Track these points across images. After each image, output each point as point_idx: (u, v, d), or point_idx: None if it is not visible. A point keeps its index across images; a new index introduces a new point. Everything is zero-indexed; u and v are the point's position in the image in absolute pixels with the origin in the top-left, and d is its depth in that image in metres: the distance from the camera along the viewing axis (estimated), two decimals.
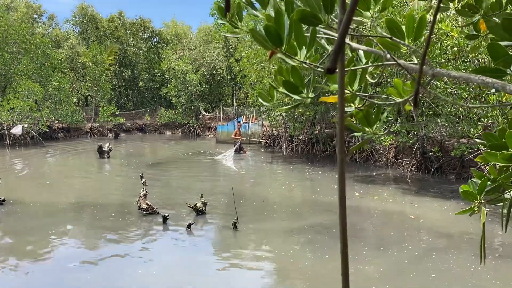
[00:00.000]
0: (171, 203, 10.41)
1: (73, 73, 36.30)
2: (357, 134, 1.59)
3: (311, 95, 1.33)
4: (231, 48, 34.52)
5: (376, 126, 1.52)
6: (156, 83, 39.37)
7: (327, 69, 0.61)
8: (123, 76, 40.60)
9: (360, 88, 1.44)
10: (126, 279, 6.06)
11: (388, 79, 12.74)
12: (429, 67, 1.36)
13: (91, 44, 35.48)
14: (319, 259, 6.74)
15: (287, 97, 1.39)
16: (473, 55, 10.39)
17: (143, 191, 9.29)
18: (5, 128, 23.98)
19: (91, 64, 32.16)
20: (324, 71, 0.63)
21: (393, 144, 16.34)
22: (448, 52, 10.48)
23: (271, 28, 1.13)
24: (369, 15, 1.43)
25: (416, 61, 1.50)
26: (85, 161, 18.89)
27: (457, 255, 6.89)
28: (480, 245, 1.99)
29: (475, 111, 10.90)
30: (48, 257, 6.87)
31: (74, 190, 12.32)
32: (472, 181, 1.93)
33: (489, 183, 1.84)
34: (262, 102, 1.52)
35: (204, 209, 9.24)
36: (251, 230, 8.19)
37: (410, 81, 1.45)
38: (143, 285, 5.86)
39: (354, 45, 1.41)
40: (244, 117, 29.13)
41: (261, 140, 25.46)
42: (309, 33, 1.23)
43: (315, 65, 1.25)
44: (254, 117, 27.85)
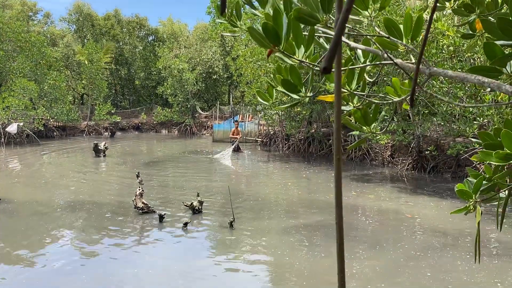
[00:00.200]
0: (168, 202, 10.40)
1: (68, 71, 36.13)
2: (355, 133, 1.59)
3: (310, 94, 1.33)
4: (228, 46, 34.47)
5: (374, 125, 1.53)
6: (152, 82, 39.28)
7: (323, 68, 0.61)
8: (119, 74, 40.48)
9: (358, 87, 1.45)
10: (121, 278, 6.06)
11: (385, 78, 12.78)
12: (426, 66, 1.37)
13: (87, 42, 35.35)
14: (315, 258, 6.76)
15: (284, 95, 1.39)
16: (469, 54, 10.44)
17: (139, 190, 9.27)
18: (0, 126, 23.84)
19: (87, 62, 32.02)
20: (320, 70, 0.64)
21: (389, 143, 16.39)
22: (444, 51, 10.51)
23: (269, 27, 1.13)
24: (367, 14, 1.43)
25: (413, 60, 1.51)
26: (81, 159, 18.82)
27: (452, 253, 6.93)
28: (475, 243, 2.00)
29: (471, 110, 10.95)
30: (43, 256, 6.84)
31: (69, 189, 12.28)
32: (468, 180, 1.94)
33: (484, 182, 1.85)
34: (261, 101, 1.52)
35: (200, 208, 9.24)
36: (247, 229, 8.20)
37: (407, 80, 1.46)
38: (138, 284, 5.85)
39: (353, 44, 1.42)
40: (241, 115, 29.12)
41: (257, 139, 25.46)
42: (307, 32, 1.23)
43: (313, 64, 1.25)
44: (251, 115, 27.85)
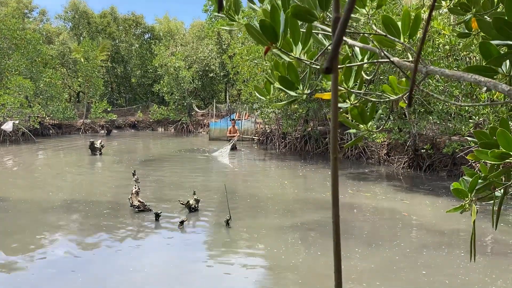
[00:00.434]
0: (164, 200, 10.38)
1: (64, 69, 35.96)
2: (351, 131, 1.59)
3: (307, 91, 1.33)
4: (224, 44, 34.42)
5: (370, 123, 1.53)
6: (148, 80, 39.15)
7: (325, 68, 0.61)
8: (115, 72, 40.31)
9: (355, 84, 1.45)
10: (117, 276, 6.05)
11: (381, 77, 12.80)
12: (422, 65, 1.37)
13: (82, 39, 35.19)
14: (311, 256, 6.77)
15: (281, 92, 1.39)
16: (465, 53, 10.48)
17: (136, 188, 9.25)
18: None
19: (82, 60, 31.87)
20: (322, 71, 0.63)
21: (385, 142, 16.43)
22: (440, 50, 10.55)
23: (267, 24, 1.12)
24: (364, 12, 1.43)
25: (410, 58, 1.51)
26: (76, 158, 18.74)
27: (448, 251, 6.96)
28: (471, 242, 2.01)
29: (467, 108, 10.99)
30: (38, 254, 6.81)
31: (65, 187, 12.23)
32: (463, 179, 1.95)
33: (480, 181, 1.86)
34: (259, 96, 1.52)
35: (196, 206, 9.23)
36: (243, 227, 8.20)
37: (404, 79, 1.46)
38: (135, 282, 5.84)
39: (350, 41, 1.41)
40: (237, 114, 29.09)
41: (254, 137, 25.46)
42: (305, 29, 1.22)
43: (311, 61, 1.25)
44: (247, 114, 27.83)
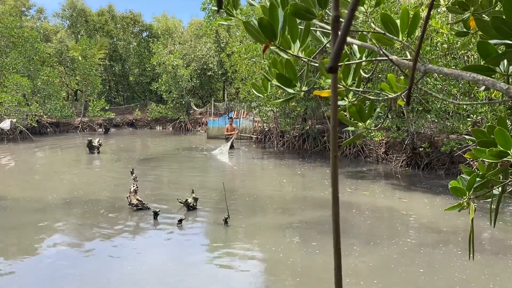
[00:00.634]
0: (162, 198, 10.38)
1: (62, 67, 35.86)
2: (350, 129, 1.59)
3: (304, 88, 1.32)
4: (222, 43, 34.36)
5: (368, 121, 1.53)
6: (146, 78, 39.08)
7: (329, 67, 0.61)
8: (113, 70, 40.23)
9: (354, 82, 1.45)
10: (115, 275, 6.04)
11: (379, 75, 12.81)
12: (421, 63, 1.37)
13: (80, 38, 35.12)
14: (310, 254, 6.78)
15: (279, 90, 1.39)
16: (463, 51, 10.49)
17: (134, 186, 9.24)
18: None
19: (80, 58, 31.78)
20: (325, 70, 0.63)
21: (383, 140, 16.45)
22: (438, 49, 10.56)
23: (265, 22, 1.12)
24: (363, 10, 1.43)
25: (409, 56, 1.51)
26: (74, 156, 18.71)
27: (446, 250, 6.98)
28: (469, 240, 2.02)
29: (465, 107, 11.01)
30: (36, 253, 6.81)
31: (63, 185, 12.21)
32: (461, 177, 1.95)
33: (478, 179, 1.86)
34: (256, 94, 1.52)
35: (195, 204, 9.23)
36: (242, 226, 8.20)
37: (402, 77, 1.46)
38: (132, 281, 5.84)
39: (349, 39, 1.41)
40: (235, 112, 29.08)
41: (252, 136, 25.46)
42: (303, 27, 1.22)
43: (309, 59, 1.25)
44: (245, 112, 27.83)
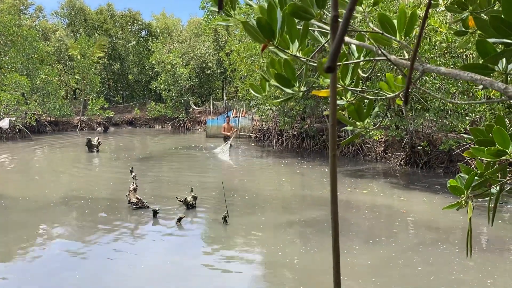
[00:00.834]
0: (161, 197, 10.38)
1: (61, 66, 35.82)
2: (348, 128, 1.60)
3: (303, 88, 1.33)
4: (221, 41, 34.34)
5: (367, 120, 1.54)
6: (145, 77, 39.04)
7: (327, 67, 0.61)
8: (112, 69, 40.17)
9: (352, 82, 1.45)
10: (115, 274, 6.05)
11: (378, 74, 12.82)
12: (419, 63, 1.37)
13: (79, 36, 35.02)
14: (309, 253, 6.79)
15: (278, 89, 1.39)
16: (461, 51, 10.50)
17: (133, 185, 9.24)
18: None
19: (79, 56, 31.73)
20: (323, 70, 0.63)
21: (382, 139, 16.47)
22: (436, 48, 10.56)
23: (264, 21, 1.12)
24: (361, 9, 1.44)
25: (407, 56, 1.51)
26: (73, 155, 18.69)
27: (444, 248, 7.00)
28: (467, 238, 2.03)
29: (463, 106, 11.02)
30: (35, 252, 6.81)
31: (62, 184, 12.21)
32: (460, 176, 1.96)
33: (476, 178, 1.87)
34: (254, 94, 1.52)
35: (194, 203, 9.24)
36: (241, 224, 8.21)
37: (401, 76, 1.46)
38: (132, 279, 5.85)
39: (347, 39, 1.42)
40: (234, 111, 29.08)
41: (251, 134, 25.46)
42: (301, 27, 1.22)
43: (307, 59, 1.25)
44: (244, 111, 27.82)
